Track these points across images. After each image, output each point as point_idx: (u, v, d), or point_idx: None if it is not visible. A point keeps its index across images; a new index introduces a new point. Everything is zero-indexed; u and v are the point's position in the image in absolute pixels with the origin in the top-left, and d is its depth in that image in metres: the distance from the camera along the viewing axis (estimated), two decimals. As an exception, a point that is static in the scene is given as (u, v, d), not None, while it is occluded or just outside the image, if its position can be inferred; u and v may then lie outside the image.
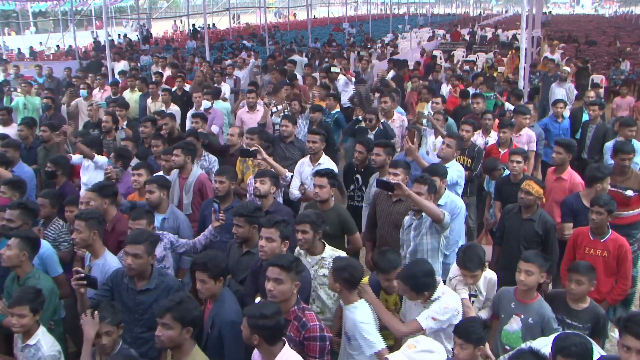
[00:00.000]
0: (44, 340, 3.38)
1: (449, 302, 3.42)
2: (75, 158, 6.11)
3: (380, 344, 3.38)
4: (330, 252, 3.96)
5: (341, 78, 10.37)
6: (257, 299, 3.58)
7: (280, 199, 5.31)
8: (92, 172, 5.92)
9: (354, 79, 10.18)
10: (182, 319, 2.93)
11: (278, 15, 45.50)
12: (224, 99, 9.62)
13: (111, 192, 4.71)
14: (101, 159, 5.96)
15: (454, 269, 4.03)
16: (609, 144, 6.68)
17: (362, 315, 3.42)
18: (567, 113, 8.12)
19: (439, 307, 3.37)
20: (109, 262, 4.01)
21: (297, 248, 4.12)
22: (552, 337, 3.04)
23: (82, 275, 3.51)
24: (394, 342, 3.65)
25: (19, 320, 3.29)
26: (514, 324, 3.61)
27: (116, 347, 3.22)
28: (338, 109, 8.16)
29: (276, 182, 4.76)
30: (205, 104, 8.05)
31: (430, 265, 3.54)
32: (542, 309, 3.57)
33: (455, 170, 5.49)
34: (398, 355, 2.86)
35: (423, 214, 4.20)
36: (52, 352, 3.37)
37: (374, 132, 6.85)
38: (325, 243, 4.02)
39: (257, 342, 2.89)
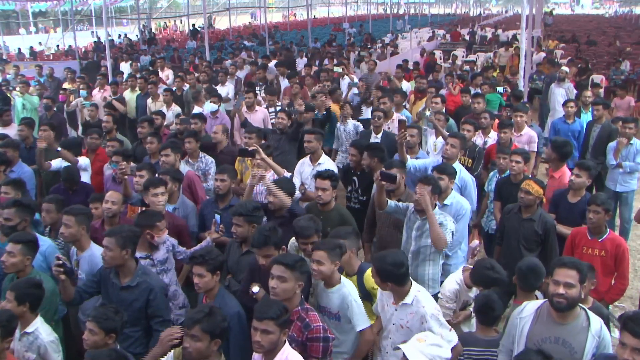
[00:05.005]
0: (42, 328, 3.43)
1: (431, 311, 3.29)
2: (55, 163, 6.09)
3: (368, 320, 3.53)
4: None
5: (345, 78, 10.39)
6: (255, 288, 3.58)
7: None
8: None
9: (356, 79, 10.19)
10: (211, 331, 2.84)
11: (254, 17, 44.01)
12: (227, 100, 9.62)
13: None
14: (83, 161, 6.05)
15: (447, 290, 3.94)
16: (612, 144, 6.70)
17: (352, 289, 3.54)
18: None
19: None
20: (95, 252, 4.09)
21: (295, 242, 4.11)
22: None
23: (61, 262, 3.59)
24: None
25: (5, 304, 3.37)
26: None
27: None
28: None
29: (290, 192, 4.64)
30: (212, 106, 7.98)
31: (401, 257, 3.41)
32: None
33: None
34: (409, 347, 2.91)
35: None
36: (50, 338, 3.43)
37: (378, 135, 6.67)
38: None
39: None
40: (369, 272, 3.68)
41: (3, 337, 3.07)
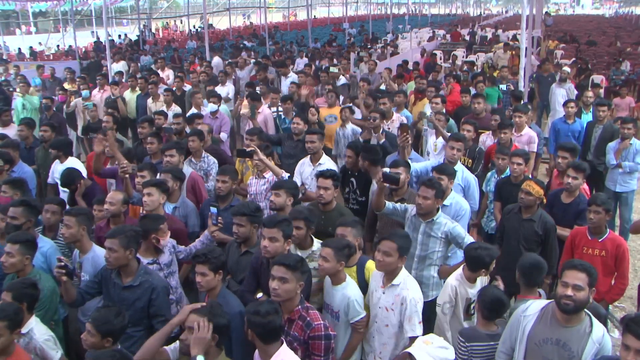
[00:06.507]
0: (37, 328, 3.43)
1: (413, 295, 3.52)
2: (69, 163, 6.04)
3: (363, 312, 3.66)
4: (319, 246, 3.97)
5: (341, 78, 10.39)
6: (259, 295, 3.64)
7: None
8: None
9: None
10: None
11: (245, 17, 43.45)
12: (227, 100, 9.60)
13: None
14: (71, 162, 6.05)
15: (447, 285, 3.93)
16: (611, 144, 6.71)
17: (355, 290, 3.66)
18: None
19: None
20: (98, 254, 4.09)
21: None
22: None
23: (63, 264, 3.60)
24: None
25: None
26: None
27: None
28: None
29: (294, 193, 4.61)
30: (212, 107, 7.97)
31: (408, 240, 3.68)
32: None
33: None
34: (417, 349, 2.96)
35: (434, 218, 4.21)
36: (45, 337, 3.43)
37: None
38: (314, 237, 4.07)
39: (251, 338, 2.90)
40: (370, 263, 3.86)
41: (12, 330, 3.08)
